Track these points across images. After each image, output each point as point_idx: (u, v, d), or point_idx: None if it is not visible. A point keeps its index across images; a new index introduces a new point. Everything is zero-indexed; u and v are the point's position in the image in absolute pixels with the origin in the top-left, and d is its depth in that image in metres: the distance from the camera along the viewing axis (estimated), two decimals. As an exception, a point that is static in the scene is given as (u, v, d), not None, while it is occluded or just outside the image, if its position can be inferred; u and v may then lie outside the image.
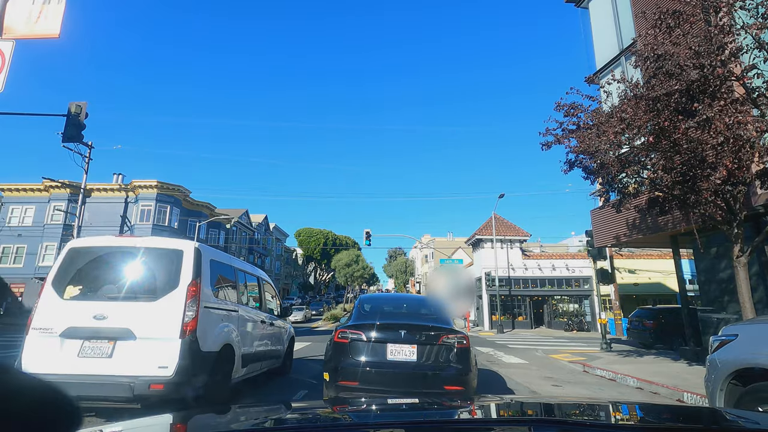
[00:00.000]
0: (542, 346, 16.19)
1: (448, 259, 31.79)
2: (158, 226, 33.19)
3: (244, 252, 52.52)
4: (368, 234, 31.25)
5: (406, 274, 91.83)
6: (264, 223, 59.09)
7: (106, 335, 4.30)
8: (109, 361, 4.20)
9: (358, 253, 49.12)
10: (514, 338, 21.45)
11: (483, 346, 15.92)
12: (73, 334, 4.31)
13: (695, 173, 5.77)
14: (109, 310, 4.39)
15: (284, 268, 69.69)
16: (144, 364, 4.16)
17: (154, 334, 4.29)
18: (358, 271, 46.36)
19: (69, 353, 4.25)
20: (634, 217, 11.12)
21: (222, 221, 43.70)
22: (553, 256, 31.91)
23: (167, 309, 4.40)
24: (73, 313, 4.42)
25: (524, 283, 30.93)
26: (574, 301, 31.02)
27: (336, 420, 1.62)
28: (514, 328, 29.64)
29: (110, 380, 4.09)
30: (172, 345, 4.24)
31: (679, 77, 5.22)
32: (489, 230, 31.43)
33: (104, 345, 4.28)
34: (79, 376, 4.07)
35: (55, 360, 4.22)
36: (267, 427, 1.43)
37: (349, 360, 4.70)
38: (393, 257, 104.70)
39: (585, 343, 18.66)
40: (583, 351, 14.01)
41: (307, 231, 73.48)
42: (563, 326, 29.58)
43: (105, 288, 4.68)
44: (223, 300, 5.28)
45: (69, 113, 12.34)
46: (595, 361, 10.72)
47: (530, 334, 26.93)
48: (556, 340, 20.48)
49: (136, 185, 33.42)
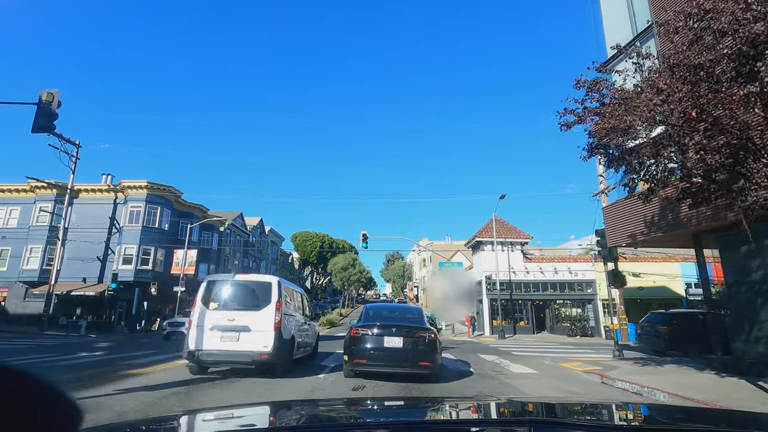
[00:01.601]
0: (549, 353, 15.25)
1: (447, 262, 30.86)
2: (148, 228, 32.11)
3: (239, 255, 51.38)
4: (365, 236, 30.30)
5: (403, 278, 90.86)
6: (259, 226, 57.96)
7: (235, 329, 7.66)
8: (238, 343, 7.57)
9: (354, 257, 48.02)
10: (517, 344, 20.50)
11: (487, 353, 14.96)
12: (216, 328, 7.68)
13: (745, 154, 4.92)
14: (236, 315, 7.80)
15: (280, 272, 68.44)
16: (256, 345, 7.51)
17: (260, 329, 7.63)
18: (355, 275, 45.23)
19: (215, 339, 7.62)
20: (653, 213, 10.24)
21: (215, 223, 42.61)
22: (555, 259, 31.04)
23: (266, 315, 7.78)
24: (216, 317, 7.79)
25: (525, 286, 30.01)
26: (576, 305, 30.11)
27: (334, 420, 1.66)
28: (515, 333, 28.68)
29: (239, 354, 7.55)
30: (270, 335, 7.59)
31: (736, 33, 4.36)
32: (489, 232, 30.53)
33: (234, 335, 7.62)
34: (222, 351, 7.57)
35: (208, 343, 7.55)
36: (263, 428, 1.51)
37: (360, 347, 7.44)
38: (391, 261, 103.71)
39: (593, 350, 17.73)
40: (594, 359, 13.09)
41: (304, 234, 72.41)
42: (566, 331, 28.64)
43: (231, 303, 8.05)
44: (290, 310, 8.72)
45: (40, 102, 11.40)
46: (613, 371, 9.79)
47: (533, 339, 25.97)
48: (561, 347, 19.54)
49: (125, 186, 32.36)
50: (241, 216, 51.78)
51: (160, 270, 32.64)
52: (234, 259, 49.98)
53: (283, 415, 1.71)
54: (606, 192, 28.80)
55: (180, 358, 8.94)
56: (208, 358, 7.62)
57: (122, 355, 12.78)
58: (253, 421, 1.62)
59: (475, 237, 30.53)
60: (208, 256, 41.34)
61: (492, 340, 24.90)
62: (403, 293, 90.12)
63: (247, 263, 53.34)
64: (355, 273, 45.09)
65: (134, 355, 12.45)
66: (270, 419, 1.62)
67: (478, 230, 31.06)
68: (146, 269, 31.48)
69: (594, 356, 14.19)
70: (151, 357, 11.98)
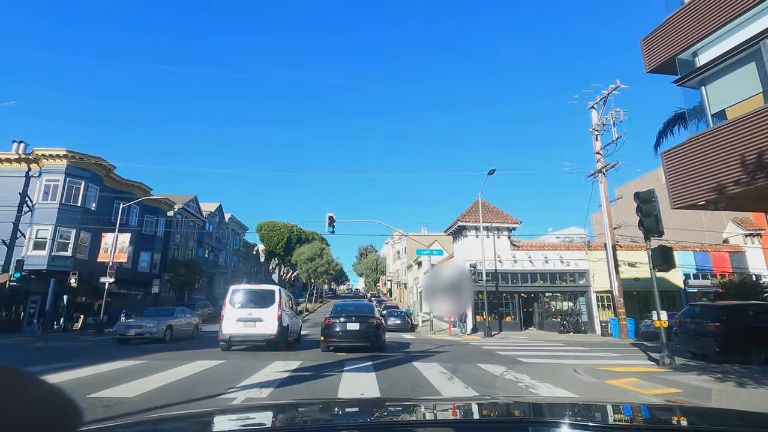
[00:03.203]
0: (564, 359, 11.62)
1: (425, 250, 27.06)
2: (68, 206, 26.55)
3: (192, 245, 45.87)
4: (331, 219, 26.00)
5: (376, 272, 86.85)
6: (218, 213, 52.33)
7: (253, 320, 11.91)
8: (255, 329, 11.76)
9: (322, 246, 43.46)
10: (512, 345, 16.91)
11: (486, 361, 11.01)
12: (241, 320, 11.91)
13: None
14: (253, 311, 12.05)
15: (242, 264, 63.05)
16: (267, 330, 11.74)
17: (268, 319, 11.91)
18: (322, 266, 40.69)
19: (239, 326, 11.80)
20: (762, 147, 6.60)
21: (161, 206, 37.14)
22: (546, 246, 27.84)
23: (272, 310, 12.05)
24: (240, 313, 12.03)
25: (513, 277, 26.62)
26: (567, 298, 27.01)
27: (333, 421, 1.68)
28: (501, 330, 25.25)
29: (256, 335, 11.77)
30: (275, 323, 11.85)
31: None
32: (474, 215, 26.91)
33: (252, 323, 11.82)
34: (245, 335, 11.81)
35: (234, 329, 11.70)
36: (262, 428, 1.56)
37: (332, 330, 11.72)
38: (363, 255, 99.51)
39: (612, 352, 14.23)
40: (637, 369, 9.48)
41: (270, 224, 67.15)
42: (557, 327, 25.47)
43: (250, 303, 12.33)
44: (286, 307, 13.08)
45: None
46: (694, 393, 6.11)
47: (524, 337, 22.57)
48: (564, 347, 16.06)
49: (39, 155, 26.59)
50: (195, 200, 46.18)
51: (84, 257, 27.18)
52: (187, 249, 44.43)
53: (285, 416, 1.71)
54: (604, 171, 24.90)
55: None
56: (235, 339, 11.99)
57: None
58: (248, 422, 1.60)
59: (458, 221, 26.85)
60: (151, 244, 35.92)
61: (477, 338, 21.28)
62: (376, 288, 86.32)
63: (203, 253, 47.85)
64: (322, 264, 40.53)
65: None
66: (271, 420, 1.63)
67: (461, 214, 27.39)
68: (64, 256, 25.96)
69: (630, 364, 10.61)
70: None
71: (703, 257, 27.45)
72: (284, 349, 12.22)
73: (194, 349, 12.99)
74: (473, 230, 26.91)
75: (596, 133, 25.73)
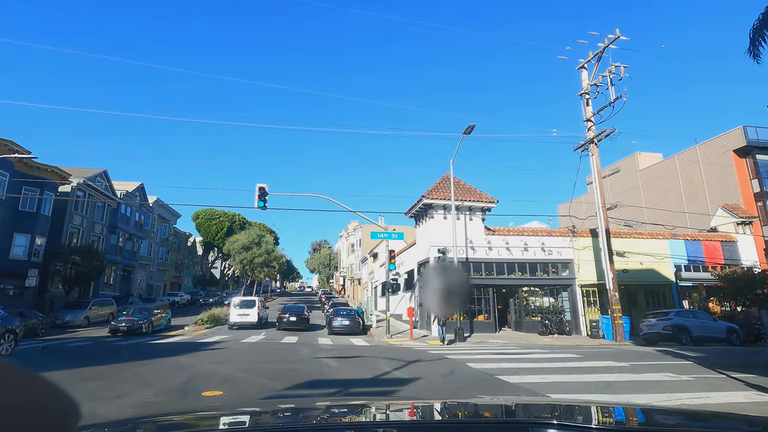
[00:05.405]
0: (594, 391, 6.68)
1: (383, 232, 21.75)
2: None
3: (101, 230, 37.56)
4: (262, 191, 19.89)
5: (330, 267, 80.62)
6: (138, 194, 43.75)
7: (245, 315, 23.10)
8: (247, 319, 22.91)
9: (261, 234, 36.83)
10: (499, 356, 11.95)
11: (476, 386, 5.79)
12: (239, 315, 23.10)
13: None
14: (246, 310, 23.24)
15: (172, 255, 54.62)
16: (252, 318, 22.95)
17: (252, 314, 23.07)
18: (260, 257, 34.12)
19: (238, 318, 22.99)
20: None
21: (50, 177, 29.09)
22: (526, 231, 23.42)
23: (255, 308, 23.35)
24: (240, 311, 23.18)
25: (487, 268, 21.93)
26: (549, 293, 22.76)
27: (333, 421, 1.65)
28: (473, 331, 20.44)
29: (247, 322, 22.95)
30: (256, 316, 23.07)
31: None
32: (443, 192, 21.93)
33: (245, 315, 23.02)
34: (241, 322, 22.86)
35: (236, 319, 22.90)
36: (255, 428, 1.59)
37: (282, 320, 22.05)
38: (317, 250, 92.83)
39: (620, 361, 9.48)
40: (700, 400, 4.62)
41: (208, 213, 59.22)
42: (537, 328, 21.08)
43: (243, 305, 23.72)
44: (261, 306, 25.26)
45: None
46: None
47: (503, 341, 17.82)
48: (560, 357, 11.27)
49: None
50: (104, 175, 37.67)
51: None
52: (92, 234, 36.11)
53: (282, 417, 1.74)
54: (596, 141, 19.73)
55: None
56: (237, 324, 22.49)
57: None
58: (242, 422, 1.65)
59: (424, 198, 21.75)
60: (32, 224, 27.95)
61: (446, 345, 16.23)
62: (329, 284, 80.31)
63: (116, 241, 39.59)
64: (260, 254, 33.95)
65: None
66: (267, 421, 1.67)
67: (427, 190, 22.32)
68: None
69: (722, 395, 5.80)
70: None
71: (695, 247, 24.21)
72: (260, 328, 22.69)
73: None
74: (441, 210, 21.95)
75: (587, 97, 21.62)
